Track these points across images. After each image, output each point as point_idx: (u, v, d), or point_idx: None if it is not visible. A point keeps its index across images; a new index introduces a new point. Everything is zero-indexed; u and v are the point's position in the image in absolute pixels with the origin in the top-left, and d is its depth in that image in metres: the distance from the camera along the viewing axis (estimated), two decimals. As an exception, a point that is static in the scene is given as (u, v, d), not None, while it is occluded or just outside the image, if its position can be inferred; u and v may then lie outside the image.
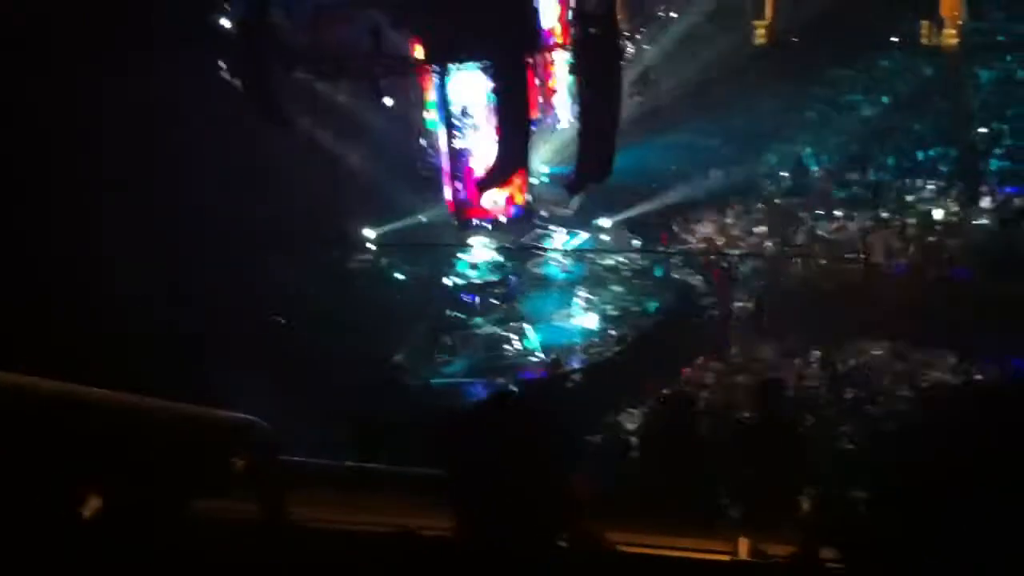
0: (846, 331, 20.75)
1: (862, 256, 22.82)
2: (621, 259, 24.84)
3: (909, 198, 24.71)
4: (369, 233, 24.10)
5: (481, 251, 24.40)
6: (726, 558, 5.29)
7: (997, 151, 25.06)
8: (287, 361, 16.11)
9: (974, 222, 23.30)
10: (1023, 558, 1.90)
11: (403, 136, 24.80)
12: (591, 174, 21.86)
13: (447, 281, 23.84)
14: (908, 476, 2.11)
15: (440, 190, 24.65)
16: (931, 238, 22.98)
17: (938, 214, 23.75)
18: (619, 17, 23.69)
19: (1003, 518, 1.92)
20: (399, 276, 23.83)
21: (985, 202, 23.87)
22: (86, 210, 15.47)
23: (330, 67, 21.44)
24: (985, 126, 25.94)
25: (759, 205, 25.95)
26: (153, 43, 17.09)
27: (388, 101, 23.53)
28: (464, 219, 24.71)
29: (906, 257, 22.70)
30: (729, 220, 25.87)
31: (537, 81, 25.24)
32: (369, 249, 24.09)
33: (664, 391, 19.08)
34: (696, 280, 23.82)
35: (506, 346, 21.87)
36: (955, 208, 23.88)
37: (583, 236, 25.89)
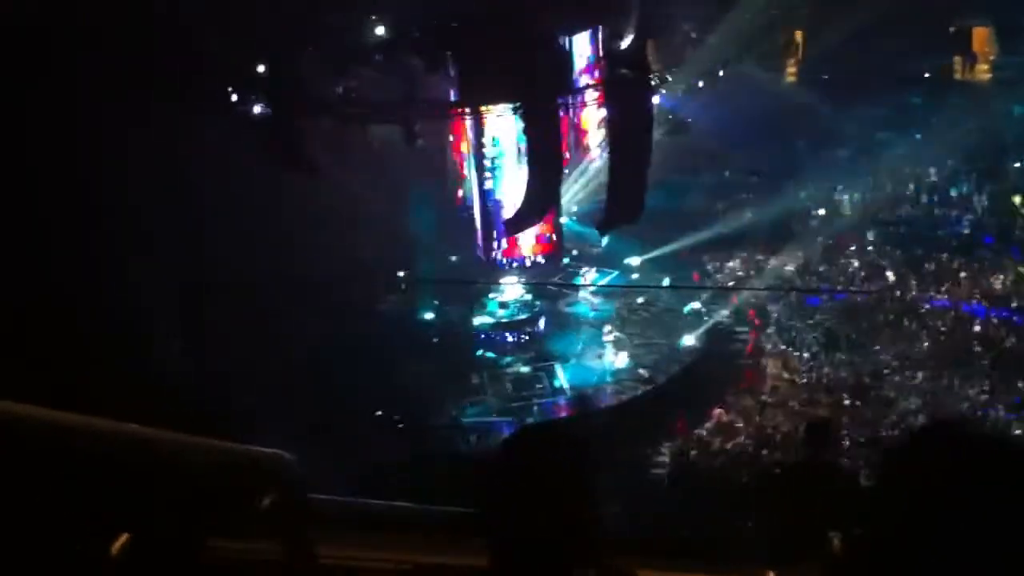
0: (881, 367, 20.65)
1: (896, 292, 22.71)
2: (651, 297, 24.80)
3: (941, 233, 24.57)
4: (400, 273, 24.19)
5: (511, 290, 24.42)
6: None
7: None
8: (318, 399, 16.16)
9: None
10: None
11: (435, 178, 24.97)
12: (622, 213, 21.90)
13: (477, 320, 23.85)
14: (932, 516, 2.11)
15: (472, 231, 24.77)
16: (964, 275, 22.79)
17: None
18: (650, 58, 23.84)
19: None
20: (429, 316, 23.86)
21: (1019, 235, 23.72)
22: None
23: (363, 111, 21.64)
24: (1019, 161, 25.76)
25: (791, 243, 25.81)
26: (180, 92, 17.29)
27: (420, 143, 23.70)
28: (494, 259, 24.81)
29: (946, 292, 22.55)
30: (760, 258, 25.78)
31: (568, 122, 25.40)
32: (400, 289, 24.15)
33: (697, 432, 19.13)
34: (728, 319, 23.69)
35: (536, 385, 21.81)
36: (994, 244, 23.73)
37: (613, 275, 25.87)
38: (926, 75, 28.36)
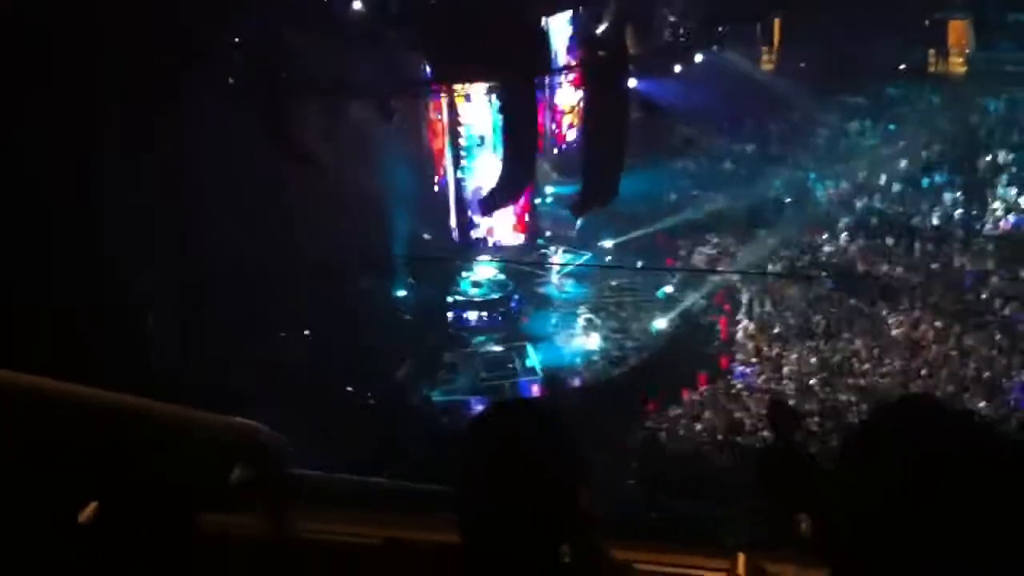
0: (843, 351, 20.85)
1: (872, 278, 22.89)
2: (624, 280, 24.88)
3: (915, 221, 24.73)
4: (370, 252, 24.10)
5: (484, 270, 24.44)
6: (723, 575, 5.26)
7: (1003, 179, 25.04)
8: (291, 376, 16.11)
9: (978, 247, 23.35)
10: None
11: (410, 157, 24.87)
12: (597, 196, 21.88)
13: (450, 299, 23.85)
14: (907, 496, 2.12)
15: (446, 210, 24.73)
16: (935, 265, 22.99)
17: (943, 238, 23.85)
18: (627, 41, 23.80)
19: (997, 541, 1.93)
20: (402, 294, 23.82)
21: (988, 229, 23.88)
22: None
23: (339, 89, 21.50)
24: (991, 154, 25.94)
25: (763, 229, 25.93)
26: (167, 72, 17.10)
27: (396, 122, 23.58)
28: (468, 238, 24.80)
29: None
30: (732, 243, 25.91)
31: (545, 103, 25.37)
32: (373, 267, 24.08)
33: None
34: (699, 302, 23.79)
35: (507, 364, 21.86)
36: (960, 234, 23.91)
37: (586, 257, 25.92)
38: (901, 66, 28.49)
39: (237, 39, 20.39)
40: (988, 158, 25.72)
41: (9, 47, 13.87)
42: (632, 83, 24.11)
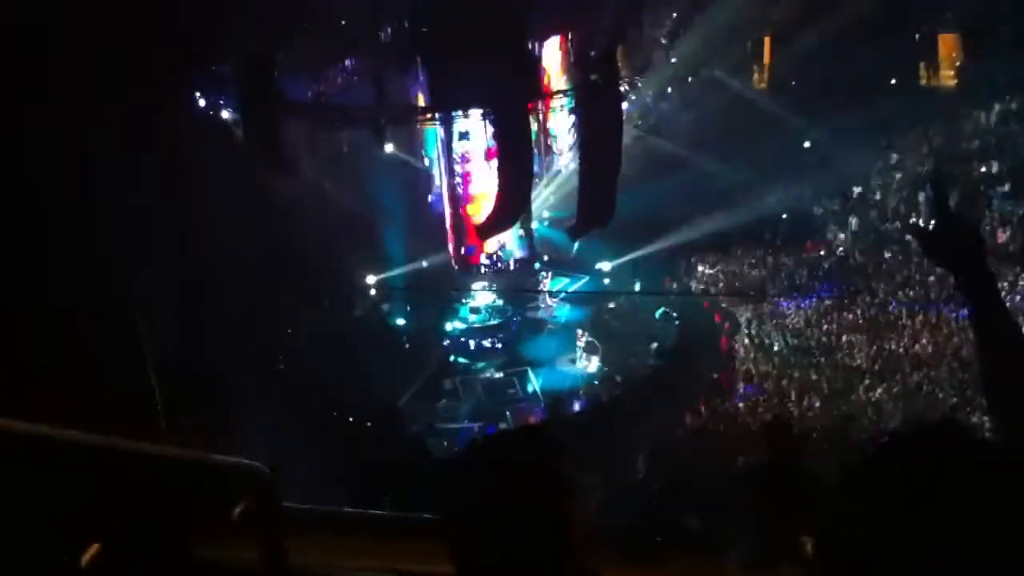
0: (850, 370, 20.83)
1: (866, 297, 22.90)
2: (623, 302, 24.89)
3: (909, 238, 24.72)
4: (372, 279, 24.12)
5: (483, 296, 24.45)
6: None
7: (998, 191, 25.08)
8: (291, 406, 16.05)
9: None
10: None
11: (405, 183, 24.92)
12: (593, 219, 21.94)
13: (449, 326, 23.85)
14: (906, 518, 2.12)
15: (443, 236, 24.75)
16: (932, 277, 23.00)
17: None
18: (620, 64, 23.91)
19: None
20: (401, 321, 23.81)
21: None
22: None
23: (334, 115, 21.57)
24: (984, 166, 25.99)
25: (759, 249, 25.99)
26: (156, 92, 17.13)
27: (391, 148, 23.66)
28: (466, 264, 24.80)
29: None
30: (730, 263, 25.94)
31: (539, 128, 25.44)
32: (371, 295, 24.09)
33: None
34: (698, 323, 23.80)
35: (508, 390, 21.83)
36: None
37: (584, 279, 25.95)
38: (892, 81, 28.58)
39: (235, 53, 20.43)
40: (983, 169, 25.77)
41: (5, 48, 13.92)
42: (625, 106, 24.27)
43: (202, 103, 19.40)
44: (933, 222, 2.74)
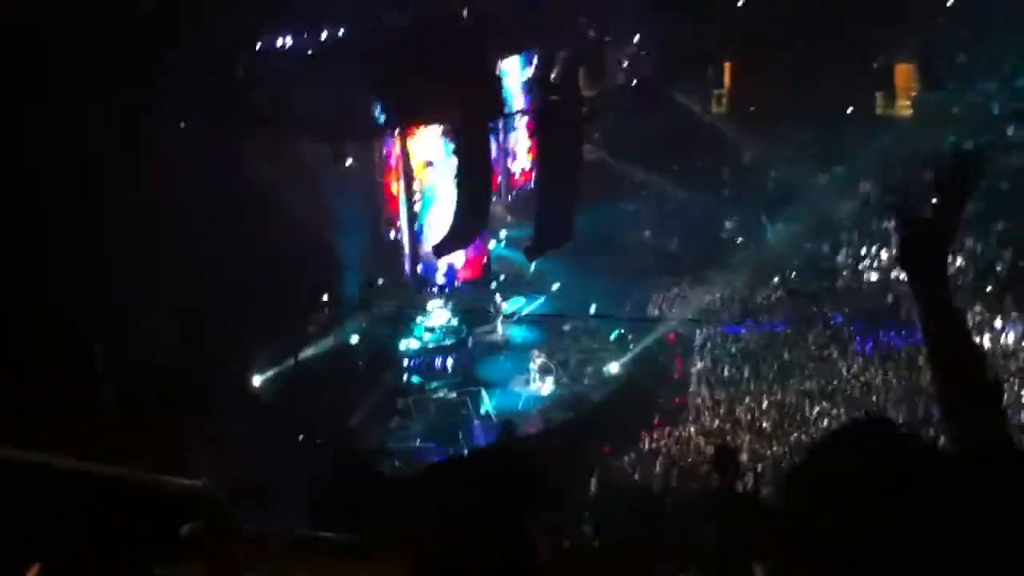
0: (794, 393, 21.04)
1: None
2: (578, 323, 24.90)
3: (864, 264, 25.08)
4: (325, 297, 23.91)
5: (438, 315, 24.33)
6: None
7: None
8: (242, 425, 15.88)
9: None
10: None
11: (363, 199, 24.77)
12: (551, 239, 21.99)
13: (403, 345, 23.71)
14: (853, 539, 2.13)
15: (399, 254, 24.65)
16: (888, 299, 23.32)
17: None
18: (581, 85, 24.02)
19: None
20: (355, 339, 23.61)
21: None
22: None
23: (292, 129, 21.43)
24: (936, 197, 26.27)
25: (715, 271, 26.14)
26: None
27: (349, 163, 23.53)
28: (422, 283, 24.72)
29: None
30: (687, 286, 26.07)
31: (498, 147, 25.48)
32: (325, 313, 23.88)
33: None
34: (653, 345, 23.87)
35: (461, 410, 21.73)
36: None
37: (540, 300, 25.93)
38: (849, 109, 28.91)
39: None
40: (935, 200, 26.06)
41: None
42: (586, 127, 24.36)
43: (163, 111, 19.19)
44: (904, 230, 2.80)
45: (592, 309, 25.12)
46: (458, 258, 24.45)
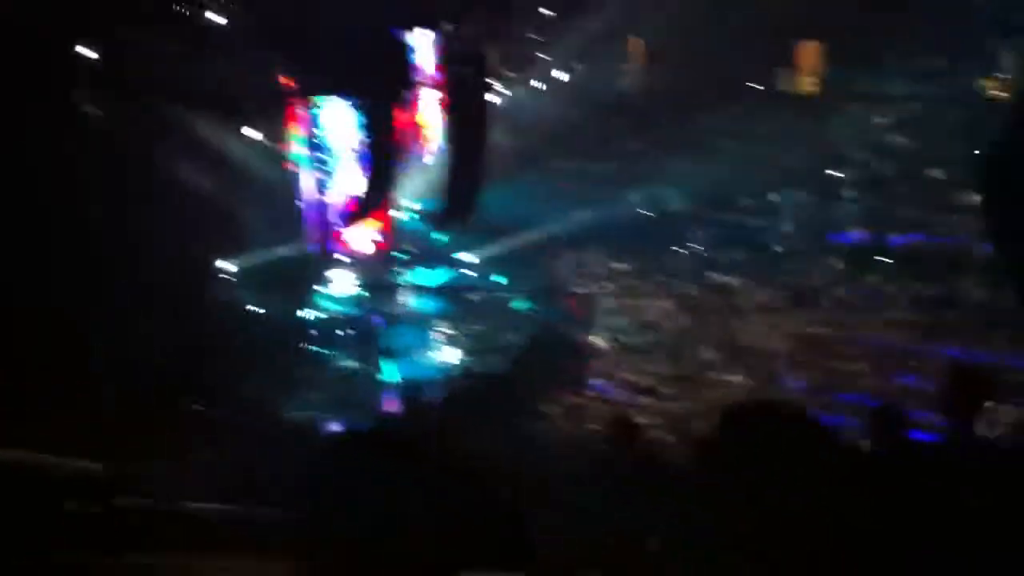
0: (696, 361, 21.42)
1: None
2: (484, 294, 24.97)
3: (768, 236, 25.63)
4: (226, 266, 23.54)
5: (342, 285, 24.12)
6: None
7: (849, 196, 26.12)
8: (137, 397, 15.60)
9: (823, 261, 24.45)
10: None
11: (266, 169, 24.44)
12: (459, 212, 21.98)
13: (306, 315, 23.48)
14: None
15: (303, 223, 24.40)
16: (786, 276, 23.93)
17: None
18: (491, 57, 23.98)
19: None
20: (257, 310, 23.33)
21: (838, 243, 25.04)
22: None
23: (192, 97, 21.04)
24: (839, 171, 26.97)
25: (621, 245, 26.42)
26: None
27: (252, 133, 23.19)
28: (326, 253, 24.51)
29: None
30: (592, 258, 26.30)
31: (406, 117, 25.31)
32: (226, 282, 23.53)
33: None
34: (557, 315, 24.07)
35: (366, 381, 21.68)
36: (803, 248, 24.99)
37: (447, 271, 25.89)
38: (759, 87, 29.30)
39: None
40: (838, 175, 26.75)
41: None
42: (495, 100, 24.34)
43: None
44: None
45: (499, 280, 25.19)
46: (364, 229, 24.26)
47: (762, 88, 29.07)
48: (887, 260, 24.08)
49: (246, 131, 23.13)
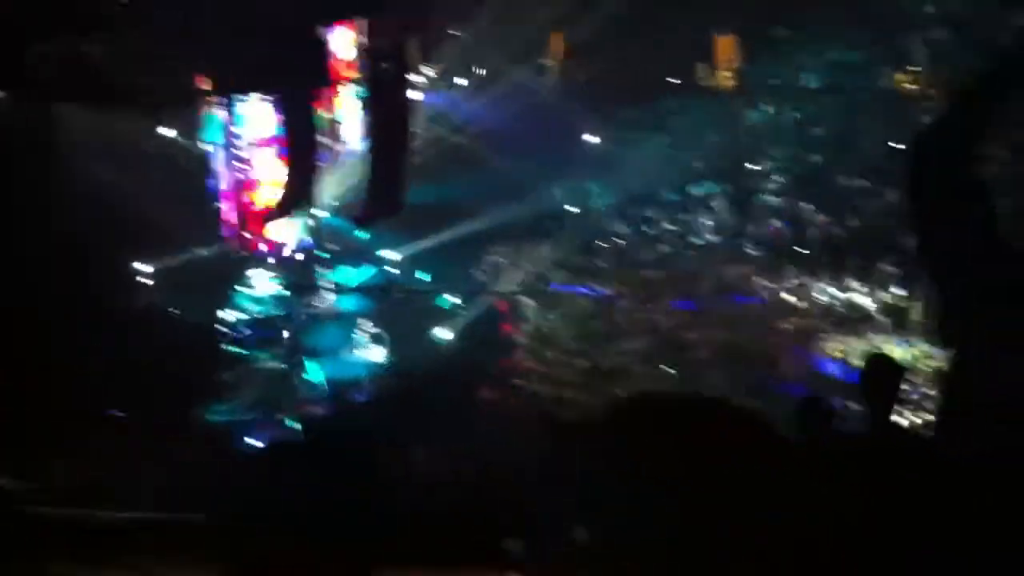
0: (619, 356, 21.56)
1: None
2: (408, 292, 24.82)
3: (686, 234, 25.88)
4: (143, 267, 23.09)
5: (263, 285, 23.75)
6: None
7: (766, 187, 26.51)
8: (53, 400, 15.29)
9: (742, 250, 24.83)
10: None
11: (183, 168, 24.05)
12: (381, 208, 21.81)
13: (228, 317, 23.10)
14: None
15: (221, 223, 24.04)
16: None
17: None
18: (411, 52, 23.84)
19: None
20: (175, 311, 22.91)
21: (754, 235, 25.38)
22: None
23: (106, 95, 20.60)
24: (756, 164, 27.35)
25: (544, 240, 26.48)
26: None
27: (168, 131, 22.81)
28: (246, 252, 24.18)
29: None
30: (517, 254, 26.29)
31: (325, 113, 25.07)
32: (143, 284, 23.10)
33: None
34: (482, 312, 24.02)
35: (288, 381, 21.43)
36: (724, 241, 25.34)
37: (370, 269, 25.67)
38: (676, 81, 29.54)
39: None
40: (753, 167, 27.13)
41: None
42: (417, 97, 24.21)
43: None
44: None
45: (423, 278, 25.05)
46: (285, 227, 23.98)
47: (680, 82, 29.39)
48: (805, 251, 24.52)
49: (161, 130, 22.70)
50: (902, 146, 25.11)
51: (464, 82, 27.76)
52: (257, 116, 23.42)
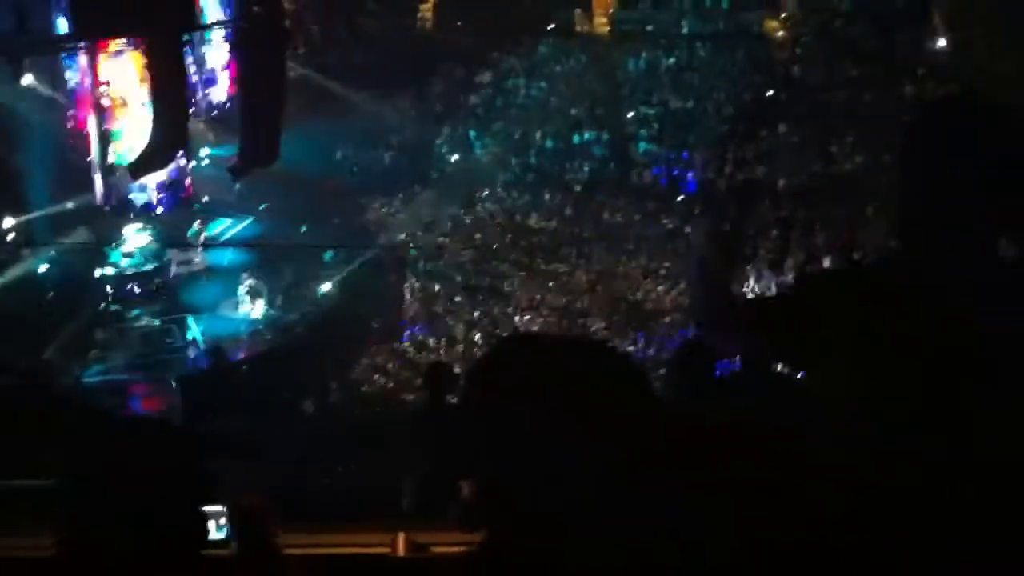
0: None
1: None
2: (287, 243, 24.31)
3: (567, 179, 26.05)
4: (8, 222, 22.13)
5: (136, 239, 22.95)
6: (385, 552, 5.20)
7: (644, 134, 26.85)
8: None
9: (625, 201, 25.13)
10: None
11: (48, 120, 23.04)
12: (256, 158, 21.20)
13: (99, 272, 22.30)
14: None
15: (90, 176, 23.16)
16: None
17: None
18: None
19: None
20: (45, 268, 22.06)
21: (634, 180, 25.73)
22: None
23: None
24: (634, 111, 27.63)
25: (426, 191, 26.32)
26: None
27: (31, 82, 21.81)
28: (117, 206, 23.37)
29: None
30: (399, 203, 26.08)
31: (195, 61, 24.32)
32: (9, 240, 22.17)
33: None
34: (366, 265, 23.72)
35: (166, 339, 20.88)
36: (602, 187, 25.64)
37: (247, 221, 25.08)
38: (551, 26, 29.56)
39: None
40: (631, 114, 27.41)
41: None
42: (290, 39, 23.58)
43: None
44: None
45: (303, 229, 24.58)
46: (156, 179, 23.21)
47: (557, 29, 29.47)
48: (682, 197, 24.95)
49: (25, 80, 21.69)
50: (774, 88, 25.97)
51: (343, 28, 27.36)
52: (123, 64, 22.52)
